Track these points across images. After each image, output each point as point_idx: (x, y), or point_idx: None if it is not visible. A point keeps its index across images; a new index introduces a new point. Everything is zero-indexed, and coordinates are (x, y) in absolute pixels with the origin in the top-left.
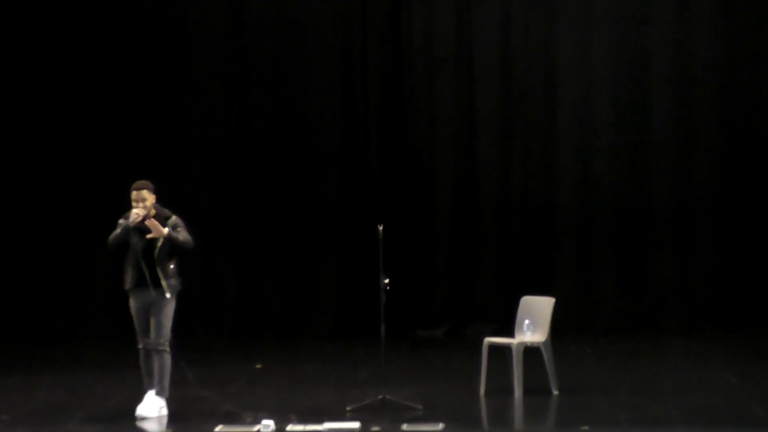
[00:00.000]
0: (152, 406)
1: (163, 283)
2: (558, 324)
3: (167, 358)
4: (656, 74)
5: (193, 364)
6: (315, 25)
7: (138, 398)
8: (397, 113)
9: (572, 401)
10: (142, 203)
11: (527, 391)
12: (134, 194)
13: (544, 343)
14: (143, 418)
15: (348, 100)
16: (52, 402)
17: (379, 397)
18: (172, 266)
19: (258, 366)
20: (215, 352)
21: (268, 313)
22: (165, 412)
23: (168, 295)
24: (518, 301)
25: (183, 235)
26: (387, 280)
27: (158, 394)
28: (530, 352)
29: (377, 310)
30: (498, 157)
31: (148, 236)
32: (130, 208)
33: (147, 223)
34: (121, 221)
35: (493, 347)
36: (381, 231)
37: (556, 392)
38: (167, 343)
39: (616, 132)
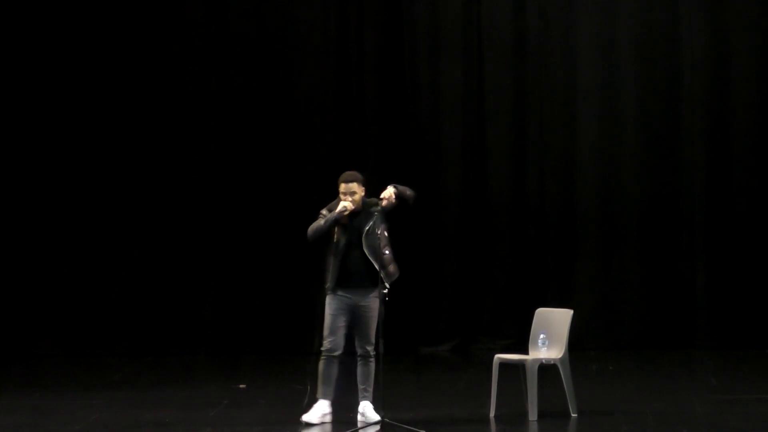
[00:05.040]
0: (372, 413)
1: (382, 273)
2: (577, 339)
3: (373, 366)
4: (688, 59)
5: (168, 386)
6: (305, 6)
7: (108, 423)
8: (397, 103)
9: (593, 425)
10: (351, 196)
11: (542, 413)
12: (343, 186)
13: (562, 360)
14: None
15: (341, 89)
16: (9, 425)
17: (377, 421)
18: (387, 252)
19: (242, 386)
20: (192, 371)
21: (250, 328)
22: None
23: (387, 287)
24: (533, 313)
25: (404, 188)
26: (386, 290)
27: (369, 399)
28: (546, 370)
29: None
30: (511, 153)
31: (384, 203)
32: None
33: (387, 200)
34: (323, 212)
35: (504, 365)
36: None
37: (575, 415)
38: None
39: (644, 126)
